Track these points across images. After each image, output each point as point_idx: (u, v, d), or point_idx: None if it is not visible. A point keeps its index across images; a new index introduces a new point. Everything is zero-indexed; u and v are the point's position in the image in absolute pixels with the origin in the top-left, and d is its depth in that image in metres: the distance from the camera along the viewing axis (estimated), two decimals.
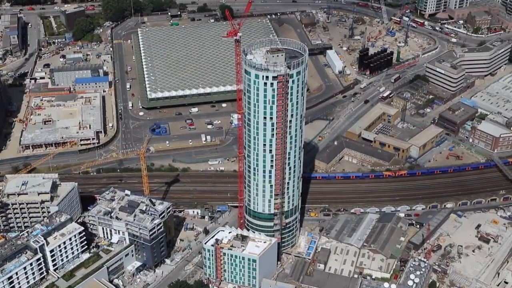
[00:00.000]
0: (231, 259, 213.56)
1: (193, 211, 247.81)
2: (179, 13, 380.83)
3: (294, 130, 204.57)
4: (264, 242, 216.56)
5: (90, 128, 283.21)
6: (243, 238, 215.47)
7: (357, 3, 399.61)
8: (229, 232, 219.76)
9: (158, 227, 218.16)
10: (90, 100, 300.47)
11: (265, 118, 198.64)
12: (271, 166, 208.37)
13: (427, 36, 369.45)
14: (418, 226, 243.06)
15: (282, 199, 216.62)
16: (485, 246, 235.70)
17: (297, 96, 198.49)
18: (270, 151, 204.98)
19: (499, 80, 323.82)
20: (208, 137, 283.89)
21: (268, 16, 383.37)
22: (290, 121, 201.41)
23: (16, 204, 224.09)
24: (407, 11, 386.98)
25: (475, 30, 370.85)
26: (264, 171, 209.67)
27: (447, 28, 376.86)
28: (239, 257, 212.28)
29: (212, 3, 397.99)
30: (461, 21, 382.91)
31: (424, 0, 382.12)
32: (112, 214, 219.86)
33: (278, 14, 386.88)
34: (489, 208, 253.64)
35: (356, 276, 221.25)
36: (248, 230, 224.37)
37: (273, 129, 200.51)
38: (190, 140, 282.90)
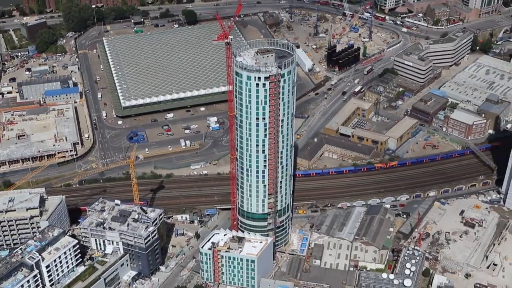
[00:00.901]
0: (229, 261, 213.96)
1: (182, 217, 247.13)
2: (142, 20, 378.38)
3: (286, 129, 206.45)
4: (260, 242, 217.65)
5: (66, 140, 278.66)
6: (240, 240, 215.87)
7: (318, 2, 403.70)
8: (224, 235, 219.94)
9: (153, 235, 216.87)
10: (63, 112, 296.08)
11: (257, 118, 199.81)
12: (264, 166, 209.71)
13: (390, 30, 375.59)
14: (404, 216, 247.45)
15: (275, 198, 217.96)
16: (471, 231, 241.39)
17: (288, 95, 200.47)
18: (263, 151, 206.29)
19: (464, 70, 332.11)
20: (187, 142, 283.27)
21: (231, 18, 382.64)
22: (282, 120, 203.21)
23: (4, 221, 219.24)
24: (368, 7, 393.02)
25: (435, 22, 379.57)
26: (257, 172, 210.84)
27: (408, 21, 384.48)
28: (237, 258, 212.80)
29: (174, 8, 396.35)
30: (420, 14, 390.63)
31: None
32: (104, 225, 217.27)
33: (241, 16, 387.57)
34: (470, 194, 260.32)
35: (351, 269, 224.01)
36: (242, 231, 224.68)
37: (265, 129, 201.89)
38: (169, 146, 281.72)
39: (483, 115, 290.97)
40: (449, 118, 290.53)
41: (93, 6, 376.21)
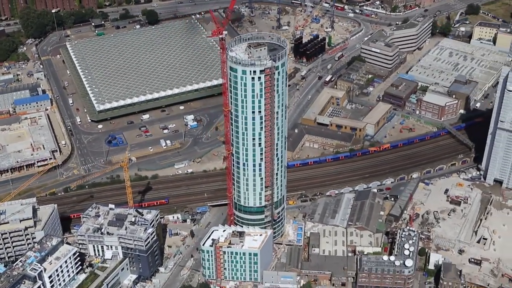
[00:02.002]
0: (231, 256, 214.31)
1: (173, 216, 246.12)
2: (102, 22, 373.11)
3: (280, 121, 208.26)
4: (260, 235, 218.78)
5: (44, 148, 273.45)
6: (240, 234, 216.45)
7: None
8: (224, 231, 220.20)
9: (152, 236, 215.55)
10: (36, 120, 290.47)
11: (253, 112, 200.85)
12: (261, 159, 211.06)
13: (350, 19, 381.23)
14: (392, 199, 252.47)
15: (272, 191, 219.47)
16: (458, 208, 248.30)
17: (282, 87, 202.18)
18: (260, 144, 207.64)
19: (428, 53, 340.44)
20: (168, 141, 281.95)
21: (193, 16, 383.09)
22: (277, 112, 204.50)
23: None
24: None
25: (393, 9, 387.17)
26: (254, 165, 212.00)
27: (367, 10, 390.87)
28: (240, 253, 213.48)
29: (133, 9, 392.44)
30: (378, 2, 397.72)
31: None
32: (102, 230, 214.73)
33: (202, 13, 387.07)
34: (451, 173, 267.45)
35: (350, 254, 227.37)
36: (241, 226, 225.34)
37: (261, 122, 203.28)
38: (150, 147, 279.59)
39: (453, 96, 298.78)
40: (421, 101, 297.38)
41: (52, 11, 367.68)
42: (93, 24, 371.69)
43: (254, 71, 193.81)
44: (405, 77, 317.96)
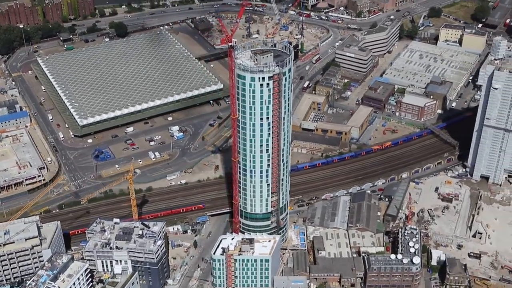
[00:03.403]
0: (242, 263, 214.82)
1: (174, 228, 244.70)
2: (70, 36, 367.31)
3: (286, 127, 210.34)
4: (269, 241, 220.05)
5: (31, 166, 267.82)
6: (251, 241, 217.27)
7: (242, 4, 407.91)
8: (232, 239, 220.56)
9: (162, 248, 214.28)
10: (18, 137, 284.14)
11: (261, 119, 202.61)
12: (268, 165, 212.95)
13: (318, 25, 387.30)
14: (386, 199, 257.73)
15: (278, 196, 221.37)
16: (450, 205, 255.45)
17: (288, 92, 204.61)
18: (267, 150, 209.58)
19: (399, 56, 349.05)
20: (156, 153, 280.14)
21: (161, 28, 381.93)
22: (284, 118, 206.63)
23: (4, 255, 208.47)
24: (289, 5, 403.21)
25: (358, 14, 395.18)
26: (261, 172, 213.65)
27: (332, 16, 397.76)
28: (251, 260, 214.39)
29: (100, 22, 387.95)
30: (342, 8, 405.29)
31: None
32: (111, 245, 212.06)
33: (170, 24, 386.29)
34: (438, 171, 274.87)
35: (355, 255, 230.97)
36: (243, 233, 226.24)
37: (269, 128, 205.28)
38: (139, 160, 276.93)
39: (431, 97, 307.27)
40: (401, 102, 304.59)
41: (18, 26, 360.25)
42: (61, 38, 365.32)
43: (263, 78, 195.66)
44: (381, 80, 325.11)
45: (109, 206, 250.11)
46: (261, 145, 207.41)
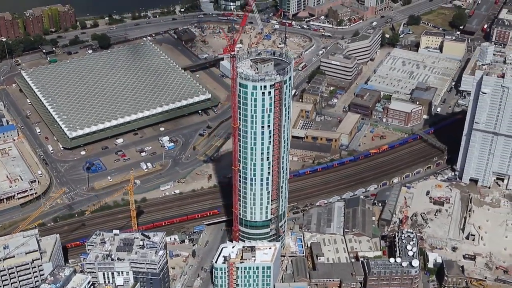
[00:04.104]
0: (244, 271, 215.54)
1: (171, 238, 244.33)
2: (53, 49, 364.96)
3: (286, 134, 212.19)
4: (270, 248, 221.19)
5: (21, 179, 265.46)
6: (252, 249, 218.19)
7: (222, 14, 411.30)
8: (233, 247, 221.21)
9: (163, 258, 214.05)
10: (6, 151, 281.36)
11: (263, 127, 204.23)
12: (268, 173, 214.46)
13: (300, 34, 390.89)
14: (380, 204, 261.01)
15: (277, 203, 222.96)
16: (442, 208, 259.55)
17: (289, 100, 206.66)
18: (268, 158, 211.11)
19: (382, 63, 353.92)
20: (148, 164, 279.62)
21: (144, 39, 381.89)
22: (284, 125, 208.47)
23: (4, 270, 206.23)
24: (271, 14, 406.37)
25: (339, 23, 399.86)
26: (261, 179, 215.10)
27: (314, 25, 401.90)
28: (253, 267, 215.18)
29: (81, 34, 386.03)
30: (322, 17, 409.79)
31: (287, 1, 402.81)
32: (112, 256, 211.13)
33: (153, 35, 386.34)
34: (428, 175, 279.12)
35: (353, 260, 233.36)
36: (243, 241, 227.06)
37: (270, 136, 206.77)
38: (131, 171, 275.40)
39: (417, 103, 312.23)
40: (388, 109, 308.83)
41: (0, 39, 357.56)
42: (43, 51, 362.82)
43: (265, 86, 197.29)
44: (367, 87, 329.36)
45: (105, 218, 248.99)
46: (262, 153, 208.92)
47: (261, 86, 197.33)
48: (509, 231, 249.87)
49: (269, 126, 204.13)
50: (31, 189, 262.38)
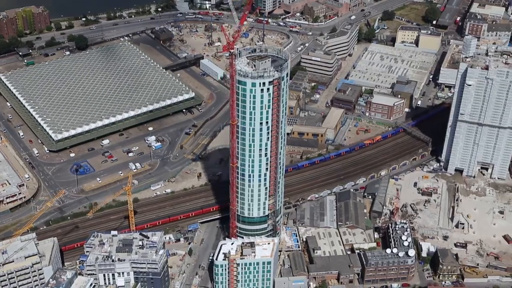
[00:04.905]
0: (245, 267, 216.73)
1: (166, 237, 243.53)
2: (29, 51, 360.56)
3: (283, 130, 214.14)
4: (268, 244, 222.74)
5: (9, 184, 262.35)
6: (251, 245, 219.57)
7: (198, 13, 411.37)
8: (232, 243, 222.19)
9: (164, 258, 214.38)
10: None
11: (261, 123, 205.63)
12: (266, 169, 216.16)
13: (277, 31, 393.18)
14: (370, 197, 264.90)
15: (274, 199, 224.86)
16: (430, 198, 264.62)
17: (286, 96, 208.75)
18: (266, 154, 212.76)
19: (361, 58, 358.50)
20: (137, 164, 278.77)
21: (121, 39, 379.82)
22: (281, 121, 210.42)
23: (4, 275, 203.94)
24: (246, 12, 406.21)
25: (315, 19, 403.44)
26: (259, 176, 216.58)
27: (290, 22, 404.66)
28: (253, 263, 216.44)
29: (57, 35, 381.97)
30: (298, 14, 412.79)
31: None
32: (113, 257, 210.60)
33: (130, 35, 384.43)
34: (414, 167, 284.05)
35: (349, 252, 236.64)
36: (242, 237, 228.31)
37: (268, 132, 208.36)
38: (120, 172, 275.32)
39: (399, 96, 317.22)
40: (371, 103, 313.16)
41: None
42: (20, 53, 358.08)
43: (264, 83, 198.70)
44: (348, 82, 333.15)
45: (97, 220, 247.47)
46: (260, 149, 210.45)
47: (260, 83, 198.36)
48: (497, 219, 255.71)
49: (267, 122, 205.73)
50: (20, 193, 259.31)
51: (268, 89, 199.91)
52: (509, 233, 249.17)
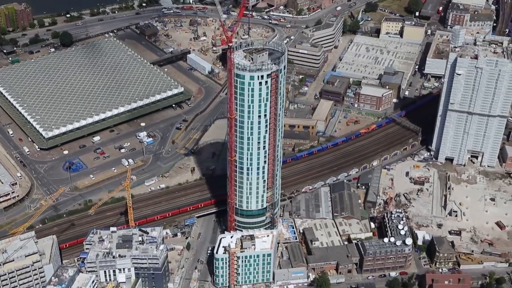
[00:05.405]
0: (245, 260, 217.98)
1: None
2: (14, 48, 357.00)
3: (280, 123, 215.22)
4: (267, 236, 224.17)
5: (2, 183, 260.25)
6: (251, 237, 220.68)
7: (182, 7, 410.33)
8: (231, 237, 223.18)
9: (164, 252, 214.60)
10: None
11: (259, 116, 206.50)
12: (264, 162, 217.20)
13: (262, 25, 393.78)
14: (363, 187, 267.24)
15: (273, 191, 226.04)
16: (423, 187, 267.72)
17: (283, 89, 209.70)
18: (264, 147, 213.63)
19: (347, 50, 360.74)
20: (130, 160, 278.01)
21: (106, 35, 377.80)
22: (279, 114, 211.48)
23: (5, 274, 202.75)
24: (230, 6, 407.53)
25: (298, 12, 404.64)
26: (258, 168, 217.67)
27: (274, 15, 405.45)
28: (254, 256, 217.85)
29: (41, 32, 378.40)
30: (282, 7, 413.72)
31: None
32: (113, 254, 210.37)
33: (115, 31, 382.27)
34: (405, 157, 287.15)
35: (346, 243, 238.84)
36: (241, 230, 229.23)
37: (266, 125, 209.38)
38: (113, 168, 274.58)
39: (387, 87, 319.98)
40: (359, 94, 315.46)
41: None
42: (4, 51, 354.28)
43: (262, 76, 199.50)
44: (335, 74, 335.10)
45: (93, 217, 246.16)
46: (259, 142, 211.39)
47: (258, 76, 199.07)
48: (488, 206, 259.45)
49: (265, 115, 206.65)
50: (13, 192, 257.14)
51: (266, 82, 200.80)
52: (502, 219, 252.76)
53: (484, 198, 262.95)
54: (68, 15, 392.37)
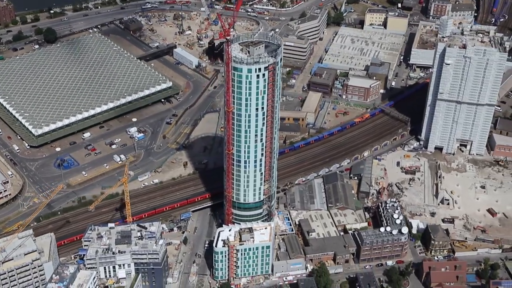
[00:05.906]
0: (244, 253, 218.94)
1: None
2: None
3: (277, 115, 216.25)
4: (266, 228, 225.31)
5: None
6: (250, 230, 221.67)
7: (165, 1, 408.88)
8: (229, 230, 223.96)
9: (164, 247, 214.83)
10: None
11: (257, 109, 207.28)
12: (262, 154, 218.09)
13: (246, 18, 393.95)
14: (356, 177, 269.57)
15: (269, 184, 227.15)
16: (414, 177, 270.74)
17: (280, 81, 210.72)
18: (261, 140, 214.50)
19: (333, 42, 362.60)
20: (122, 156, 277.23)
21: (90, 30, 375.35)
22: (276, 106, 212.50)
23: (5, 273, 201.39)
24: (213, 0, 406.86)
25: (282, 4, 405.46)
26: (255, 161, 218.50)
27: (257, 8, 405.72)
28: (253, 248, 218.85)
29: (24, 29, 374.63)
30: (265, 0, 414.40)
31: None
32: (113, 250, 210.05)
33: (99, 26, 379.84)
34: (395, 147, 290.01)
35: (342, 233, 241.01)
36: (239, 223, 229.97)
37: (263, 118, 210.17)
38: (105, 164, 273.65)
39: (374, 78, 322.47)
40: (347, 85, 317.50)
41: None
42: None
43: (259, 69, 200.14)
44: (322, 66, 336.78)
45: (88, 214, 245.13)
46: (256, 135, 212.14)
47: (255, 69, 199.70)
48: (479, 193, 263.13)
49: (263, 108, 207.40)
50: (5, 190, 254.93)
51: (263, 74, 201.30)
52: (493, 206, 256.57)
53: (475, 186, 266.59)
54: (51, 11, 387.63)
